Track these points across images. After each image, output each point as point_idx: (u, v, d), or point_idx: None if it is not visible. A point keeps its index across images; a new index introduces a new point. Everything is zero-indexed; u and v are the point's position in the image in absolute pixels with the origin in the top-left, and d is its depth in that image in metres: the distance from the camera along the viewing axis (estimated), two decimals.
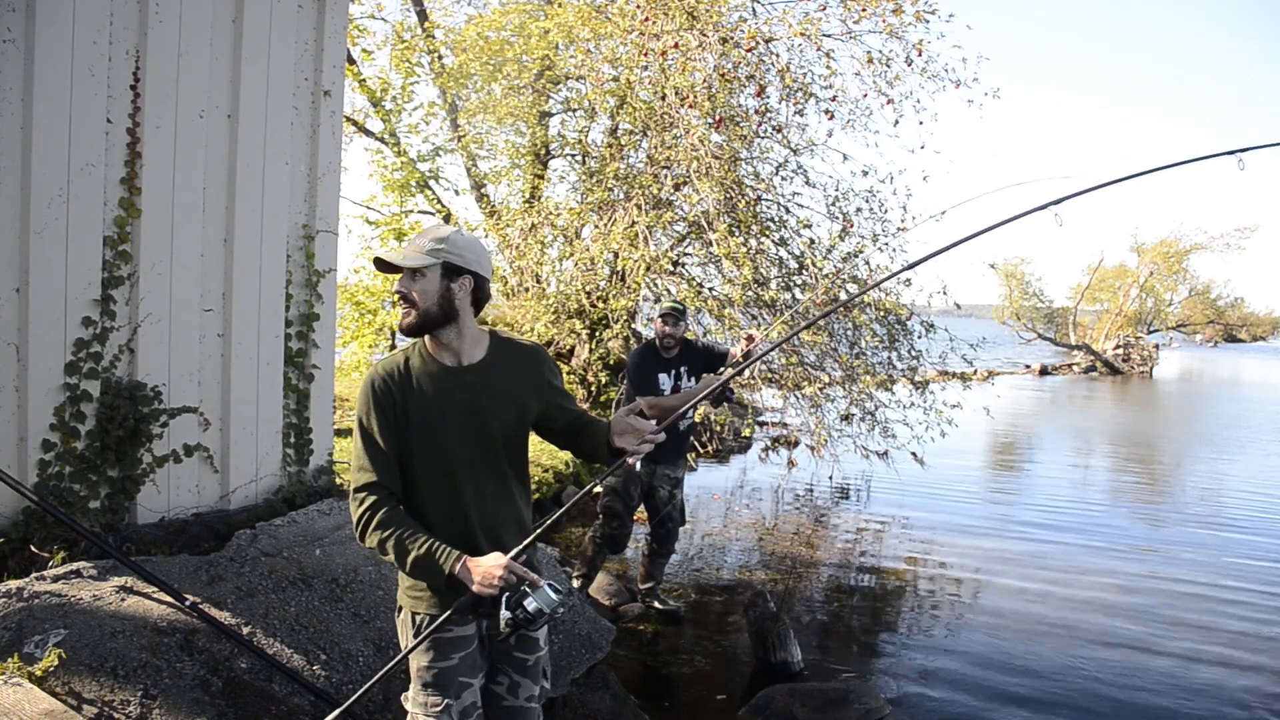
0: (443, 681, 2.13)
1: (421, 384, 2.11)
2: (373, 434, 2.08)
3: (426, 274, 2.07)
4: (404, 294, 2.08)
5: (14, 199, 3.36)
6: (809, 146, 8.20)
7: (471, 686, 2.18)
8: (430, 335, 2.13)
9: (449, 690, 2.13)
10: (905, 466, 8.17)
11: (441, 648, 2.14)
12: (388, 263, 2.09)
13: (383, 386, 2.10)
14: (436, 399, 2.11)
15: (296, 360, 4.48)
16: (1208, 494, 9.59)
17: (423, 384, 2.11)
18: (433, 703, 2.13)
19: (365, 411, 2.10)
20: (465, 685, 2.16)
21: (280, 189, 4.30)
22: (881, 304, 7.87)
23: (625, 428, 2.17)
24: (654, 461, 4.84)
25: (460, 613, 2.10)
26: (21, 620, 2.85)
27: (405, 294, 2.08)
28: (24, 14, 3.31)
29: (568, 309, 8.76)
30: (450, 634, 2.14)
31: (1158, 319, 38.62)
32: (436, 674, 2.13)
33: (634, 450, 2.17)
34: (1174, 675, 4.59)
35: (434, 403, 2.11)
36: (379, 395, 2.09)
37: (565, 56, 9.21)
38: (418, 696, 2.15)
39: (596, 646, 4.06)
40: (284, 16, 4.25)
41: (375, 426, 2.08)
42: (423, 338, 2.14)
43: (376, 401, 2.09)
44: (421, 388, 2.11)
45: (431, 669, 2.13)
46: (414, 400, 2.10)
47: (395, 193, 11.50)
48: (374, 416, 2.09)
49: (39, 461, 3.49)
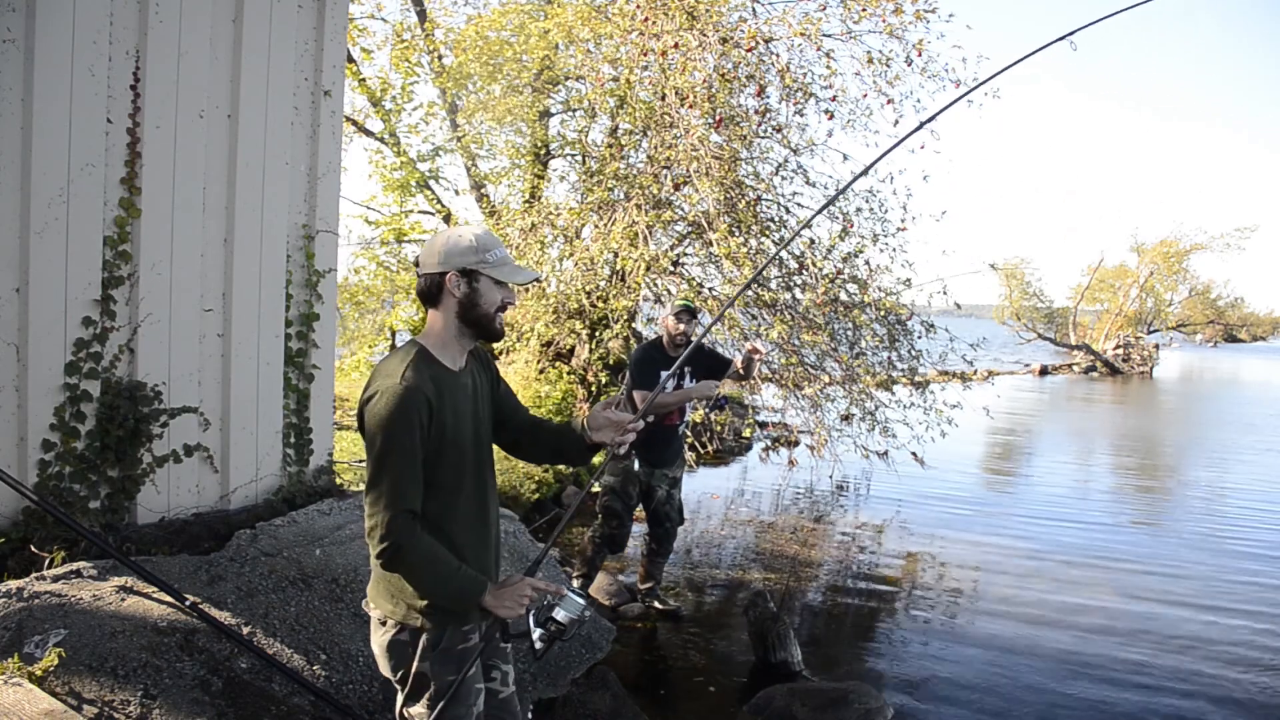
0: (463, 693, 2.12)
1: (443, 392, 2.04)
2: (408, 451, 1.96)
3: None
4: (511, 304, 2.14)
5: (14, 199, 3.36)
6: (809, 146, 8.21)
7: (482, 692, 2.19)
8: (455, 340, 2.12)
9: (468, 699, 2.13)
10: (905, 466, 8.18)
11: (464, 659, 2.12)
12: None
13: (422, 400, 1.97)
14: (458, 406, 2.08)
15: (296, 360, 4.48)
16: (1208, 494, 9.59)
17: (443, 391, 2.04)
18: (458, 715, 2.11)
19: (403, 427, 1.95)
20: (479, 692, 2.17)
21: (280, 189, 4.30)
22: (882, 304, 7.88)
23: (603, 422, 2.17)
24: (652, 463, 4.84)
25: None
26: (21, 620, 2.85)
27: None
28: (24, 14, 3.31)
29: (568, 309, 8.76)
30: (469, 644, 2.14)
31: (1158, 319, 38.60)
32: (459, 686, 2.10)
33: (616, 442, 2.17)
34: (1175, 675, 4.59)
35: (458, 409, 2.07)
36: (419, 409, 1.96)
37: (565, 56, 9.21)
38: (437, 711, 2.10)
39: (596, 646, 4.07)
40: (284, 16, 4.25)
41: (411, 443, 1.96)
42: (423, 344, 2.10)
43: (417, 416, 1.96)
44: (443, 396, 2.04)
45: (451, 681, 2.10)
46: (446, 409, 2.03)
47: (395, 193, 11.50)
48: (411, 432, 1.95)
49: (39, 461, 3.49)
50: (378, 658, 2.18)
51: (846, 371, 8.00)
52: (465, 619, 2.12)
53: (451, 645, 2.10)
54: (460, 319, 2.08)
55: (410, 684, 2.13)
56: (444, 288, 2.06)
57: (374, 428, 1.96)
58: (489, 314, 2.09)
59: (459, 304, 2.07)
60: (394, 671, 2.15)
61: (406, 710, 2.16)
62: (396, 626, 2.11)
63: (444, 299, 2.07)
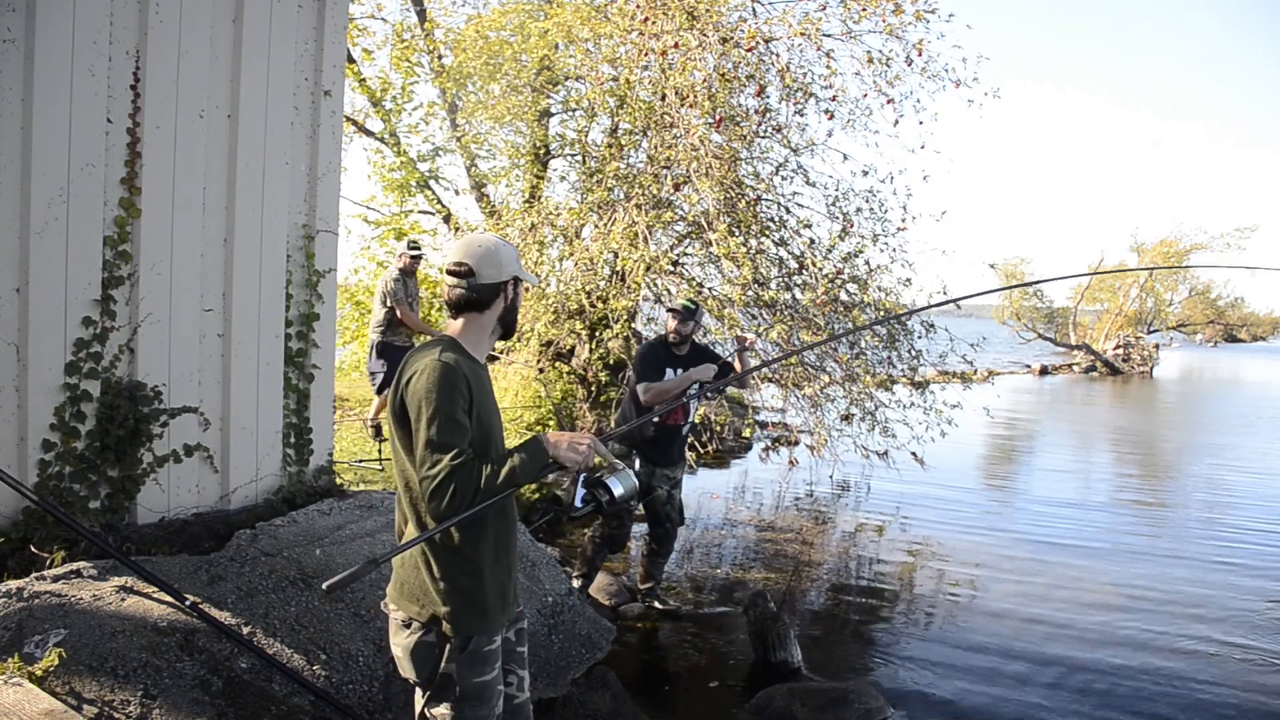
0: (487, 693, 2.15)
1: (477, 379, 2.13)
2: (455, 413, 2.00)
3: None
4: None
5: (14, 199, 3.36)
6: (809, 146, 8.20)
7: (502, 693, 2.22)
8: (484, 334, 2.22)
9: (492, 700, 2.16)
10: (905, 466, 8.17)
11: (490, 660, 2.15)
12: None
13: (461, 376, 2.04)
14: (487, 394, 2.18)
15: (296, 360, 4.48)
16: (1208, 493, 9.59)
17: (477, 379, 2.13)
18: (481, 716, 2.14)
19: (448, 393, 2.00)
20: (500, 693, 2.20)
21: (280, 189, 4.30)
22: (882, 304, 7.87)
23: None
24: (654, 462, 4.85)
25: (543, 476, 2.13)
26: (21, 620, 2.85)
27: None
28: (24, 14, 3.31)
29: (568, 309, 8.75)
30: (493, 645, 2.16)
31: (1158, 319, 38.60)
32: (482, 687, 2.13)
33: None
34: (1175, 674, 4.59)
35: (487, 398, 2.17)
36: (461, 382, 2.03)
37: (565, 56, 9.21)
38: (461, 713, 2.12)
39: (596, 646, 4.07)
40: (284, 16, 4.25)
41: (456, 407, 2.00)
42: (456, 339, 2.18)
43: (461, 386, 2.02)
44: (478, 381, 2.13)
45: (478, 682, 2.13)
46: (479, 394, 2.12)
47: (395, 193, 11.51)
48: (455, 399, 2.01)
49: (39, 461, 3.49)
50: (399, 659, 2.18)
51: (846, 371, 8.00)
52: (490, 626, 2.15)
53: (478, 647, 2.12)
54: (500, 320, 2.22)
55: (435, 685, 2.14)
56: (499, 294, 2.18)
57: (420, 396, 2.00)
58: (518, 312, 2.29)
59: (505, 307, 2.21)
60: (418, 673, 2.15)
61: (429, 711, 2.17)
62: (423, 628, 2.12)
63: (495, 304, 2.19)
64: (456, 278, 2.14)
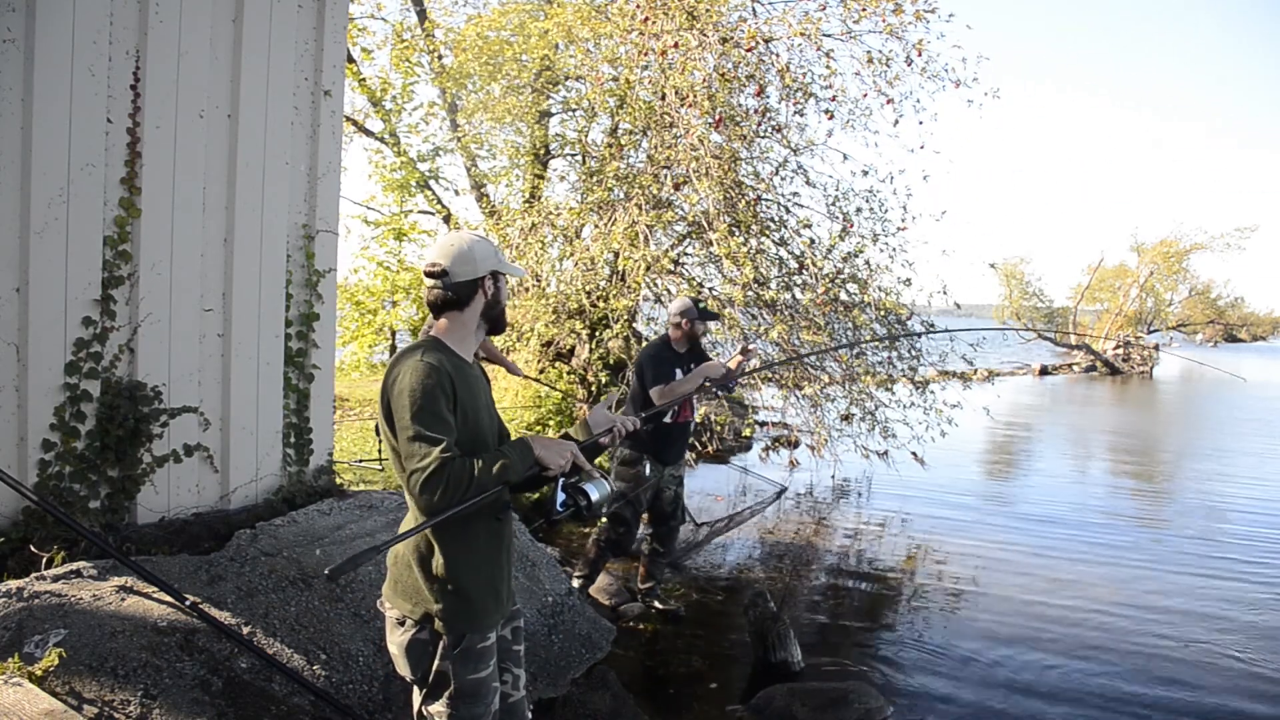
0: (483, 690, 2.15)
1: (461, 377, 2.12)
2: (438, 410, 2.00)
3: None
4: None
5: (14, 199, 3.36)
6: (809, 146, 8.19)
7: (498, 690, 2.22)
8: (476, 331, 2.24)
9: (487, 697, 2.16)
10: (905, 466, 8.17)
11: (484, 657, 2.16)
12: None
13: (445, 374, 2.05)
14: (475, 393, 2.16)
15: (296, 360, 4.48)
16: (1208, 493, 9.58)
17: (461, 377, 2.12)
18: (477, 714, 2.15)
19: (429, 392, 2.00)
20: (495, 690, 2.20)
21: (280, 189, 4.30)
22: (882, 304, 7.87)
23: (604, 420, 2.30)
24: (664, 462, 4.88)
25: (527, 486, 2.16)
26: (21, 620, 2.85)
27: None
28: (24, 14, 3.31)
29: (568, 309, 8.75)
30: (487, 643, 2.17)
31: (1158, 319, 38.58)
32: (477, 684, 2.14)
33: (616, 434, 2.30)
34: (1175, 674, 4.59)
35: (475, 396, 2.16)
36: (444, 380, 2.04)
37: (565, 56, 9.21)
38: (457, 710, 2.13)
39: (596, 646, 4.07)
40: (284, 16, 4.25)
41: (439, 405, 2.01)
42: (440, 338, 2.18)
43: (443, 385, 2.03)
44: (463, 379, 2.12)
45: (473, 680, 2.14)
46: (464, 392, 2.11)
47: (395, 193, 11.51)
48: (437, 398, 2.01)
49: (39, 461, 3.49)
50: (395, 657, 2.19)
51: (846, 371, 8.00)
52: (484, 623, 2.15)
53: (471, 644, 2.13)
54: (483, 316, 2.22)
55: (431, 683, 2.15)
56: (478, 291, 2.18)
57: (401, 396, 2.01)
58: (504, 308, 2.27)
59: (486, 303, 2.21)
60: (413, 670, 2.16)
61: (426, 709, 2.18)
62: (416, 626, 2.13)
63: (474, 300, 2.19)
64: (433, 279, 2.16)
